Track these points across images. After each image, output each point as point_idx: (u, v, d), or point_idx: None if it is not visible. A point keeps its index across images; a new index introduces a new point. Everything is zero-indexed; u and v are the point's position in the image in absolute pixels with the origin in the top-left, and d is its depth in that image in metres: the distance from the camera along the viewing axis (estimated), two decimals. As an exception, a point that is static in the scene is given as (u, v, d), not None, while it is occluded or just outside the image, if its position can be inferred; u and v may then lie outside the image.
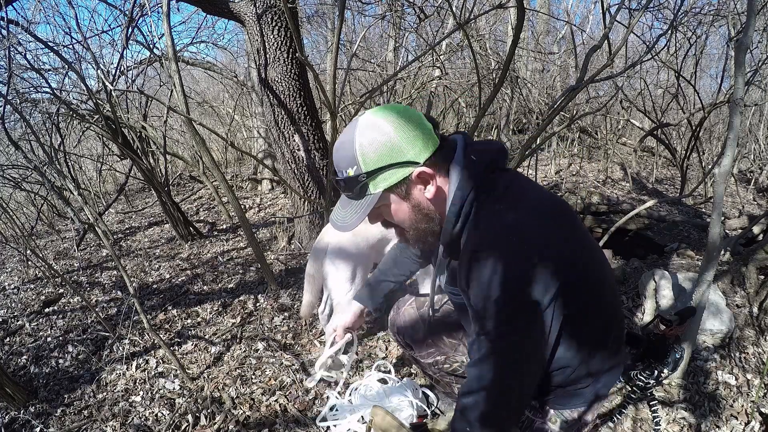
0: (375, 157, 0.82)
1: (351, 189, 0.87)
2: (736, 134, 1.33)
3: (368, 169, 0.83)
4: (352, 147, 0.84)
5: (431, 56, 3.77)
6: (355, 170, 0.84)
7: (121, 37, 3.09)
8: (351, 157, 0.84)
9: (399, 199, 0.88)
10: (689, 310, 1.06)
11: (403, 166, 0.84)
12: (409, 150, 0.83)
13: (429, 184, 0.87)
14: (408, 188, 0.87)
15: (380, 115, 0.84)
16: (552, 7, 6.85)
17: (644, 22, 3.65)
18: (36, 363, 2.18)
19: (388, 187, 0.85)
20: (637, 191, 4.55)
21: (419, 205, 0.89)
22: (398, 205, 0.90)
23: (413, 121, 0.84)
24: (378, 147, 0.82)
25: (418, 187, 0.87)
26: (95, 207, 4.60)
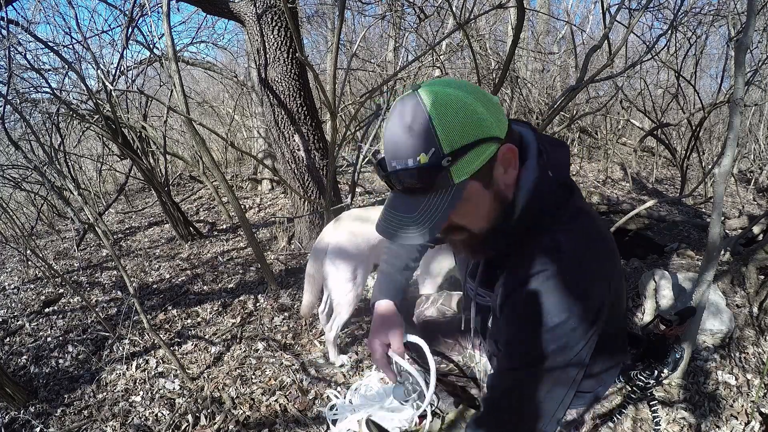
0: (460, 131, 0.63)
1: (426, 181, 0.65)
2: (736, 134, 1.33)
3: (453, 147, 0.63)
4: (425, 123, 0.63)
5: (431, 56, 3.77)
6: (432, 154, 0.63)
7: (121, 37, 3.09)
8: (425, 137, 0.63)
9: (482, 187, 0.69)
10: (689, 310, 1.06)
11: (489, 142, 0.65)
12: (493, 121, 0.65)
13: (510, 165, 0.70)
14: (491, 171, 0.68)
15: (447, 85, 0.66)
16: (552, 7, 6.84)
17: (644, 22, 3.66)
18: (36, 363, 2.18)
19: (475, 171, 0.65)
20: (637, 191, 4.55)
21: (500, 194, 0.71)
22: (480, 197, 0.70)
23: (482, 91, 0.68)
24: (462, 118, 0.63)
25: (500, 169, 0.69)
26: (95, 207, 4.60)
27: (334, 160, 2.35)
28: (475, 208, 0.71)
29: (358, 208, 1.99)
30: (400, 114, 0.66)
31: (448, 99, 0.64)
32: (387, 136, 0.68)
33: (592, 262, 0.72)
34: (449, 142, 0.63)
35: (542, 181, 0.73)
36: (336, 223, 1.87)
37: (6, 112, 2.46)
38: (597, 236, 0.75)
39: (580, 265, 0.71)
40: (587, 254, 0.72)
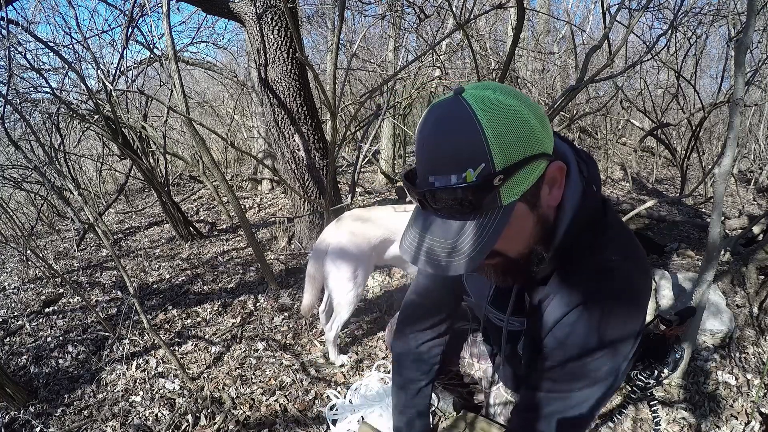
0: (516, 145, 0.56)
1: (473, 201, 0.57)
2: (736, 134, 1.33)
3: (507, 164, 0.55)
4: (477, 135, 0.54)
5: (431, 56, 3.77)
6: (483, 169, 0.55)
7: (121, 37, 3.09)
8: (477, 151, 0.55)
9: (528, 210, 0.63)
10: (689, 310, 1.06)
11: (540, 158, 0.58)
12: (544, 135, 0.59)
13: (556, 184, 0.64)
14: (538, 192, 0.62)
15: (494, 90, 0.59)
16: (552, 7, 6.84)
17: (644, 22, 3.66)
18: (36, 363, 2.18)
19: (524, 191, 0.59)
20: (637, 191, 4.55)
21: (543, 216, 0.66)
22: (525, 220, 0.63)
23: (530, 100, 0.62)
24: (518, 131, 0.56)
25: (545, 189, 0.63)
26: (95, 207, 4.60)
27: (334, 160, 2.35)
28: (518, 233, 0.64)
29: (359, 209, 2.00)
30: (442, 121, 0.57)
31: (500, 107, 0.56)
32: (425, 147, 0.59)
33: (640, 280, 0.71)
34: (503, 158, 0.55)
35: (587, 197, 0.68)
36: (337, 223, 1.88)
37: (6, 112, 2.46)
38: (636, 250, 0.74)
39: (632, 284, 0.70)
40: (634, 272, 0.71)
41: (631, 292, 0.69)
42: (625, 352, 0.69)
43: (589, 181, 0.70)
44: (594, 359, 0.69)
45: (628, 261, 0.71)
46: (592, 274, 0.69)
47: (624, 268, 0.69)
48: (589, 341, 0.69)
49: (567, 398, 0.73)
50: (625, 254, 0.71)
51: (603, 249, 0.70)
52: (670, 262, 2.64)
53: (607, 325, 0.68)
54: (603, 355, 0.69)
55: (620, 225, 0.75)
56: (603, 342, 0.68)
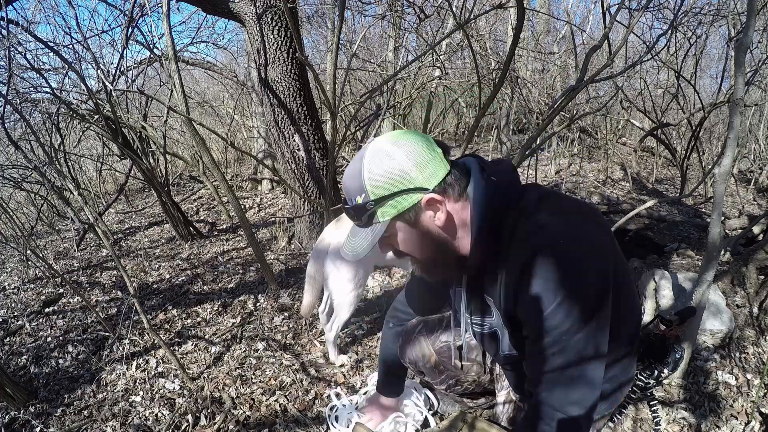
0: (382, 184, 0.80)
1: (360, 217, 0.85)
2: (736, 134, 1.33)
3: (376, 196, 0.81)
4: (360, 174, 0.82)
5: (431, 56, 3.77)
6: (363, 198, 0.82)
7: (121, 37, 3.09)
8: (359, 185, 0.82)
9: (408, 227, 0.86)
10: (689, 310, 1.06)
11: (412, 192, 0.81)
12: (417, 176, 0.80)
13: (438, 210, 0.84)
14: (417, 216, 0.84)
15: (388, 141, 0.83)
16: (552, 7, 6.85)
17: (644, 22, 3.66)
18: (36, 363, 2.18)
19: (396, 214, 0.83)
20: (637, 191, 4.54)
21: (429, 233, 0.86)
22: (407, 234, 0.87)
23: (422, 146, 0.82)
24: (385, 174, 0.80)
25: (428, 213, 0.84)
26: (95, 207, 4.60)
27: (334, 160, 2.35)
28: (405, 241, 0.88)
29: None
30: (353, 162, 0.85)
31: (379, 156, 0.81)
32: (345, 175, 0.86)
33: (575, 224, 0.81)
34: (373, 191, 0.81)
35: (488, 188, 0.84)
36: (337, 223, 1.87)
37: (6, 112, 2.46)
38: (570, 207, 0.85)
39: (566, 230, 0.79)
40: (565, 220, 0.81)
41: (567, 235, 0.78)
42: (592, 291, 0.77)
43: (490, 174, 0.86)
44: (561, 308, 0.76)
45: (556, 216, 0.81)
46: (524, 238, 0.81)
47: (553, 221, 0.80)
48: (548, 294, 0.77)
49: (560, 354, 0.79)
50: (550, 213, 0.81)
51: (526, 220, 0.82)
52: (670, 262, 2.64)
53: (557, 274, 0.76)
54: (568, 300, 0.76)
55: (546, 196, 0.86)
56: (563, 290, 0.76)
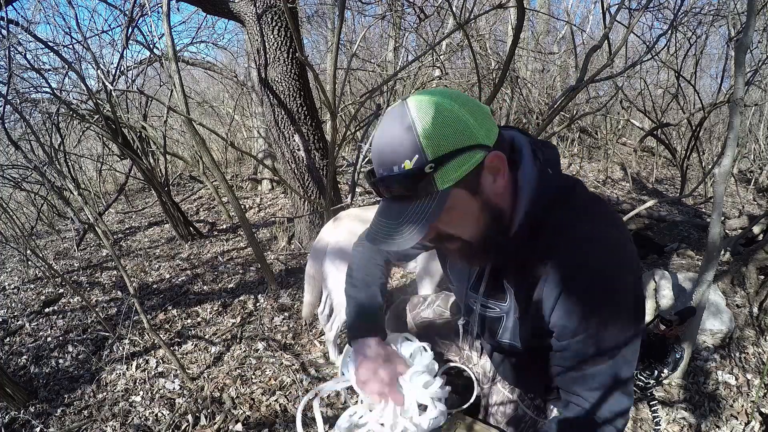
0: (444, 138, 0.65)
1: (410, 187, 0.67)
2: (736, 134, 1.34)
3: (437, 154, 0.64)
4: (410, 131, 0.65)
5: (431, 56, 3.77)
6: (417, 160, 0.65)
7: (121, 37, 3.09)
8: (410, 145, 0.65)
9: (469, 195, 0.70)
10: (689, 310, 1.06)
11: (475, 149, 0.66)
12: (479, 129, 0.67)
13: (500, 173, 0.70)
14: (478, 180, 0.69)
15: (435, 94, 0.68)
16: (552, 7, 6.85)
17: (644, 22, 3.66)
18: (36, 363, 2.18)
19: (459, 179, 0.66)
20: (637, 191, 4.54)
21: (489, 203, 0.72)
22: (466, 206, 0.70)
23: (471, 99, 0.70)
24: (447, 126, 0.65)
25: (488, 178, 0.70)
26: (95, 207, 4.59)
27: (334, 160, 2.35)
28: (462, 216, 0.72)
29: (357, 208, 1.99)
30: (387, 123, 0.69)
31: (432, 106, 0.66)
32: (374, 145, 0.70)
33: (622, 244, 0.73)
34: (433, 148, 0.65)
35: (543, 179, 0.74)
36: (335, 222, 1.87)
37: (6, 112, 2.46)
38: (612, 218, 0.77)
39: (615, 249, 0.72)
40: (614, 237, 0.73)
41: (617, 253, 0.72)
42: (632, 306, 0.72)
43: (545, 164, 0.75)
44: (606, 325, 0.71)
45: (608, 229, 0.74)
46: (574, 247, 0.71)
47: (604, 236, 0.72)
48: (597, 310, 0.71)
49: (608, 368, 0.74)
50: (602, 224, 0.74)
51: (578, 223, 0.73)
52: (670, 262, 2.64)
53: (606, 290, 0.70)
54: (611, 317, 0.71)
55: (594, 200, 0.78)
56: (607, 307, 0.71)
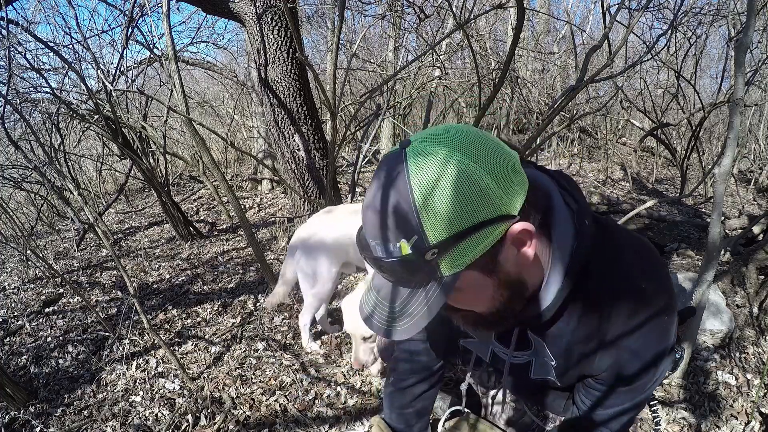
0: (454, 216, 0.48)
1: (411, 273, 0.53)
2: (736, 134, 1.34)
3: (443, 237, 0.49)
4: (407, 202, 0.49)
5: (431, 56, 3.77)
6: (414, 242, 0.49)
7: (121, 37, 3.09)
8: (406, 221, 0.49)
9: (483, 276, 0.56)
10: (689, 310, 1.06)
11: (496, 223, 0.50)
12: (502, 196, 0.50)
13: (525, 245, 0.56)
14: (496, 256, 0.55)
15: (443, 142, 0.51)
16: (552, 7, 6.85)
17: (644, 22, 3.66)
18: (36, 363, 2.18)
19: (471, 262, 0.52)
20: (637, 191, 4.54)
21: (509, 278, 0.59)
22: (479, 287, 0.58)
23: (494, 148, 0.52)
24: (458, 199, 0.48)
25: (511, 251, 0.56)
26: (95, 207, 4.60)
27: (334, 160, 2.35)
28: (472, 297, 0.61)
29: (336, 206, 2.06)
30: (381, 179, 0.52)
31: (439, 167, 0.49)
32: (365, 204, 0.54)
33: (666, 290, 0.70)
34: (435, 231, 0.49)
35: (582, 235, 0.63)
36: (307, 221, 1.98)
37: (6, 112, 2.46)
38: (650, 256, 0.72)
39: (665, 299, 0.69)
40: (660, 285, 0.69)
41: (666, 307, 0.69)
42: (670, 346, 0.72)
43: (581, 215, 0.64)
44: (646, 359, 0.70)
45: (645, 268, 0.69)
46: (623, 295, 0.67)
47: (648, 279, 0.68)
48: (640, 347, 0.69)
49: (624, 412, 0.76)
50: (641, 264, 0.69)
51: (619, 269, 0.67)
52: (670, 262, 2.64)
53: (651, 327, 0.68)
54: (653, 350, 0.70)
55: (621, 236, 0.72)
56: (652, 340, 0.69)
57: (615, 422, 0.78)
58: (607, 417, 0.78)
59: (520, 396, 1.11)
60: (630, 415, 0.78)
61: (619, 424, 0.78)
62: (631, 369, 0.71)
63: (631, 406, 0.76)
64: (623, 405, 0.76)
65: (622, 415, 0.77)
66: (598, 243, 0.65)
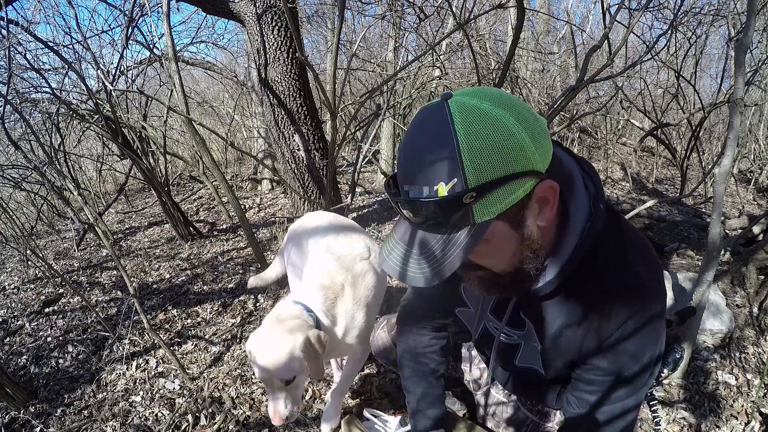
0: (494, 162, 0.53)
1: (441, 216, 0.55)
2: (736, 134, 1.34)
3: (482, 181, 0.53)
4: (451, 147, 0.52)
5: (431, 56, 3.77)
6: (454, 185, 0.53)
7: (121, 37, 3.09)
8: (448, 164, 0.53)
9: (510, 228, 0.60)
10: (689, 310, 1.06)
11: (527, 176, 0.55)
12: (535, 152, 0.55)
13: (548, 205, 0.60)
14: (524, 212, 0.59)
15: (486, 97, 0.55)
16: (552, 7, 6.84)
17: (644, 22, 3.65)
18: (36, 363, 2.18)
19: (504, 210, 0.56)
20: (637, 191, 4.54)
21: (530, 238, 0.63)
22: (505, 240, 0.61)
23: (527, 109, 0.57)
24: (499, 146, 0.53)
25: (534, 208, 0.60)
26: (95, 207, 4.59)
27: (334, 160, 2.35)
28: (499, 250, 0.63)
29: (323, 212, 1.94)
30: (423, 127, 0.55)
31: (483, 119, 0.53)
32: (403, 152, 0.57)
33: (661, 282, 0.74)
34: (477, 174, 0.53)
35: (596, 217, 0.65)
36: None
37: (6, 112, 2.46)
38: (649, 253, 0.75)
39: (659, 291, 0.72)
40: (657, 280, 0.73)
41: (660, 296, 0.73)
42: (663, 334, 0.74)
43: (597, 200, 0.67)
44: (643, 362, 0.73)
45: (648, 269, 0.72)
46: (626, 292, 0.70)
47: (650, 280, 0.71)
48: (638, 350, 0.72)
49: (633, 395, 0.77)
50: (645, 263, 0.72)
51: (625, 263, 0.70)
52: (670, 262, 2.64)
53: (649, 331, 0.71)
54: (650, 353, 0.73)
55: (629, 231, 0.75)
56: (649, 344, 0.72)
57: (619, 421, 0.78)
58: (609, 415, 0.78)
59: (511, 389, 1.12)
60: (632, 414, 0.79)
61: (623, 423, 0.79)
62: (629, 369, 0.74)
63: (633, 405, 0.78)
64: (624, 401, 0.77)
65: (624, 414, 0.78)
66: (609, 231, 0.68)
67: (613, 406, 0.77)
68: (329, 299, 1.33)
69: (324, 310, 1.30)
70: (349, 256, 1.43)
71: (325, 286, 1.35)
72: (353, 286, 1.35)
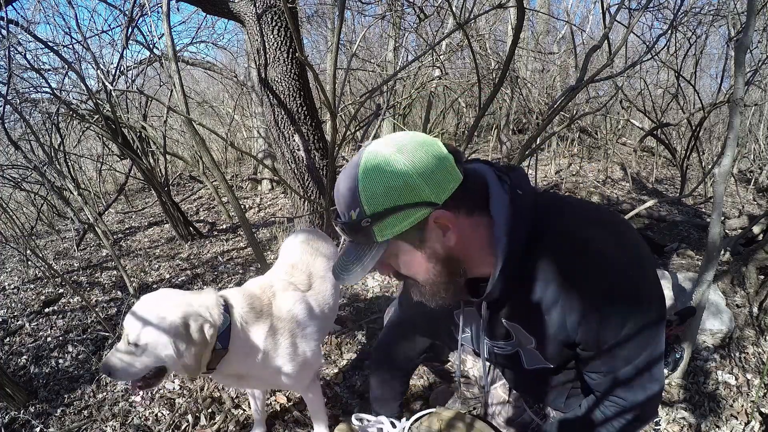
0: (381, 197, 0.68)
1: (353, 235, 0.73)
2: (736, 134, 1.34)
3: (372, 211, 0.69)
4: (353, 185, 0.70)
5: (431, 56, 3.77)
6: (357, 213, 0.70)
7: (121, 37, 3.09)
8: (353, 197, 0.70)
9: (411, 248, 0.74)
10: (689, 310, 1.06)
11: (417, 207, 0.69)
12: (423, 188, 0.68)
13: (449, 228, 0.72)
14: (423, 235, 0.72)
15: (388, 145, 0.71)
16: (552, 7, 6.85)
17: (644, 22, 3.65)
18: (36, 363, 2.18)
19: (397, 234, 0.71)
20: (637, 191, 4.55)
21: (436, 255, 0.75)
22: (409, 256, 0.75)
23: (429, 152, 0.70)
24: (384, 185, 0.68)
25: (436, 233, 0.72)
26: (95, 207, 4.59)
27: (334, 160, 2.35)
28: (408, 263, 0.77)
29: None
30: (347, 168, 0.73)
31: (378, 163, 0.69)
32: (335, 188, 0.75)
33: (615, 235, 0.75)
34: (370, 205, 0.69)
35: (515, 203, 0.75)
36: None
37: (6, 112, 2.46)
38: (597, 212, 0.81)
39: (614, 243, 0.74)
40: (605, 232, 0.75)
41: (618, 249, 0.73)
42: (648, 292, 0.74)
43: (513, 186, 0.76)
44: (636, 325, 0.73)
45: (594, 226, 0.75)
46: (570, 259, 0.74)
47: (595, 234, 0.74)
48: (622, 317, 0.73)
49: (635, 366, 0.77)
50: (587, 223, 0.76)
51: (573, 235, 0.75)
52: (670, 262, 2.64)
53: (627, 293, 0.72)
54: (640, 316, 0.73)
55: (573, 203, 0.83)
56: (633, 308, 0.73)
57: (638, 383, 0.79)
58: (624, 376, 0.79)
59: (521, 391, 1.13)
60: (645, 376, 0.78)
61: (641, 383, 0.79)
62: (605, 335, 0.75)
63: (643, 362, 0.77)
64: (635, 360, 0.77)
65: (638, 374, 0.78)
66: (550, 209, 0.77)
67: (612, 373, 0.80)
68: (255, 309, 1.23)
69: (241, 318, 1.19)
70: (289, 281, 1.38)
71: (255, 295, 1.27)
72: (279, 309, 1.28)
